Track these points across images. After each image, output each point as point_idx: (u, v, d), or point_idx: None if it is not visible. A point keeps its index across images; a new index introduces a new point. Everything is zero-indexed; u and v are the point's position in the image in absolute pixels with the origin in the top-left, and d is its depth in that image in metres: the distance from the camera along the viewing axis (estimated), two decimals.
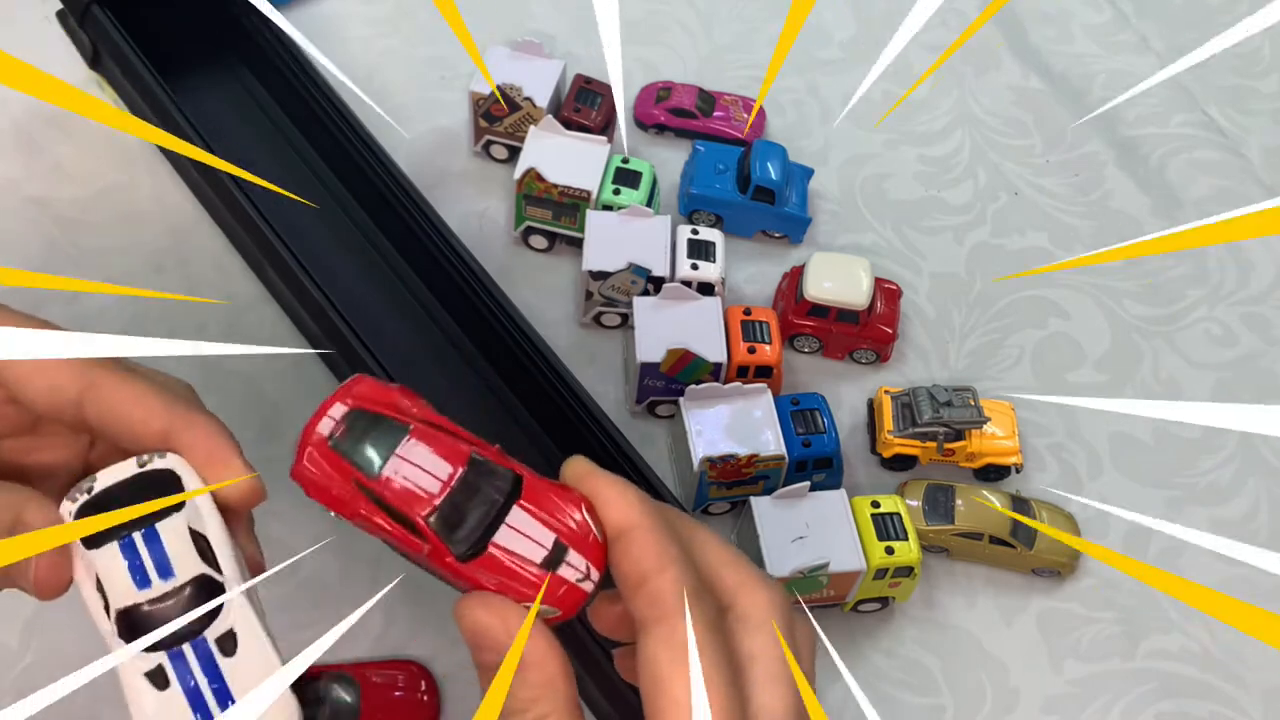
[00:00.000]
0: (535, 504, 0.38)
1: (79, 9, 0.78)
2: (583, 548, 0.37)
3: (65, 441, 0.43)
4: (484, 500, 0.38)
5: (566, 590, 0.37)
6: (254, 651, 0.37)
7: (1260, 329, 0.88)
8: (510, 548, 0.38)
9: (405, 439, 0.38)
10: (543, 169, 0.79)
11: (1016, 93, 0.99)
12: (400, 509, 0.37)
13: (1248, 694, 0.72)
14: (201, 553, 0.37)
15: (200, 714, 0.36)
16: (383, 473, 0.37)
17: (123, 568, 0.36)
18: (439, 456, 0.38)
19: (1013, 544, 0.73)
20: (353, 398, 0.39)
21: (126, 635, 0.37)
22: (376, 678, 0.66)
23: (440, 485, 0.37)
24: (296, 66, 0.81)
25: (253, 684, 0.36)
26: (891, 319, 0.82)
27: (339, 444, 0.38)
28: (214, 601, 0.37)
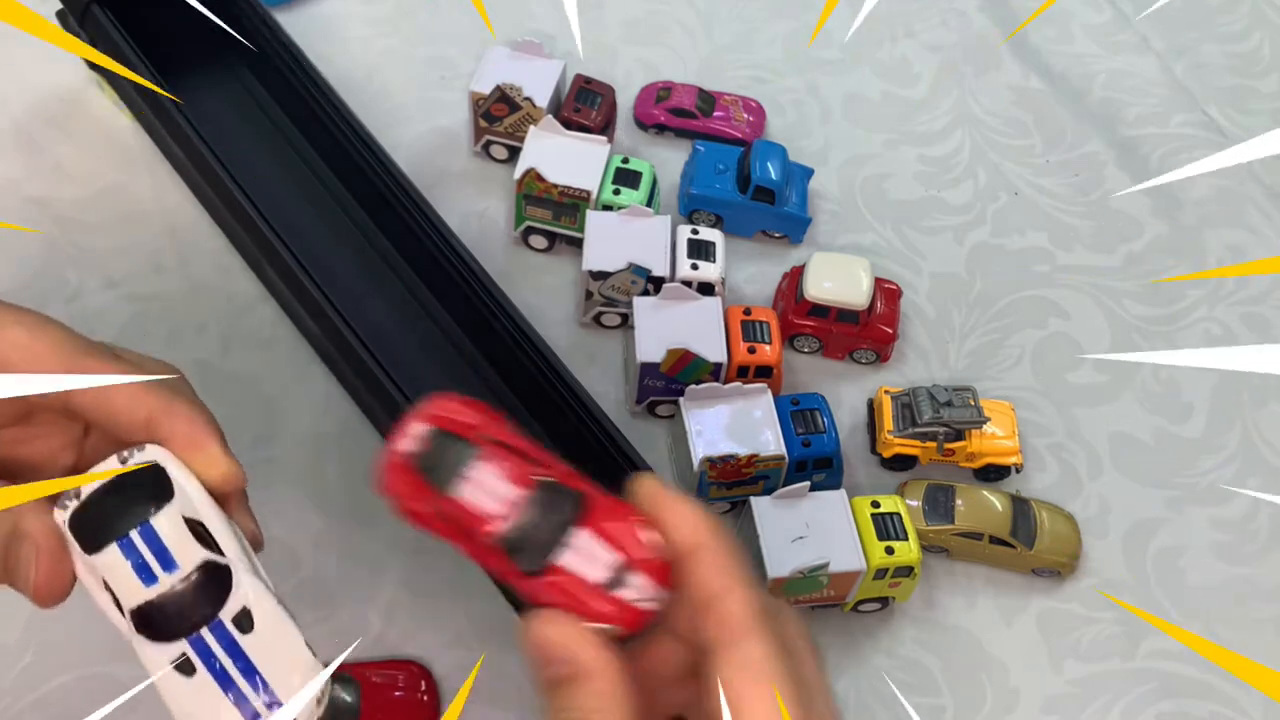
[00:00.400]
0: (600, 524, 0.39)
1: (79, 9, 0.78)
2: (646, 567, 0.39)
3: (58, 431, 0.43)
4: (549, 520, 0.39)
5: (629, 608, 0.38)
6: (271, 624, 0.38)
7: (1260, 329, 0.88)
8: (574, 568, 0.39)
9: (475, 459, 0.40)
10: (543, 169, 0.79)
11: (1016, 93, 0.99)
12: (470, 527, 0.39)
13: (1247, 694, 0.72)
14: (200, 539, 0.38)
15: (232, 693, 0.37)
16: (454, 491, 0.39)
17: (127, 568, 0.37)
18: (507, 478, 0.40)
19: (1012, 544, 0.73)
20: (431, 416, 0.41)
21: (145, 632, 0.38)
22: (376, 677, 0.66)
23: (507, 505, 0.39)
24: (296, 66, 0.81)
25: (275, 656, 0.37)
26: (891, 319, 0.82)
27: (416, 462, 0.40)
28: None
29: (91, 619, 0.67)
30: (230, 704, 0.37)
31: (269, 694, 0.37)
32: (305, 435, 0.75)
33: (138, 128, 0.85)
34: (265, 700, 0.37)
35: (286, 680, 0.37)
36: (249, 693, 0.37)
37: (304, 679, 0.37)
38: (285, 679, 0.37)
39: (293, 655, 0.38)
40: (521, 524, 0.39)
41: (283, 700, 0.37)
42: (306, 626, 0.67)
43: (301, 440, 0.75)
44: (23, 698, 0.65)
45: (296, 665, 0.37)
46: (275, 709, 0.36)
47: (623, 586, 0.38)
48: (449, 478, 0.39)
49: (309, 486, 0.73)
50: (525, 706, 0.67)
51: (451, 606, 0.70)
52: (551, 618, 0.38)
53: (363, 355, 0.69)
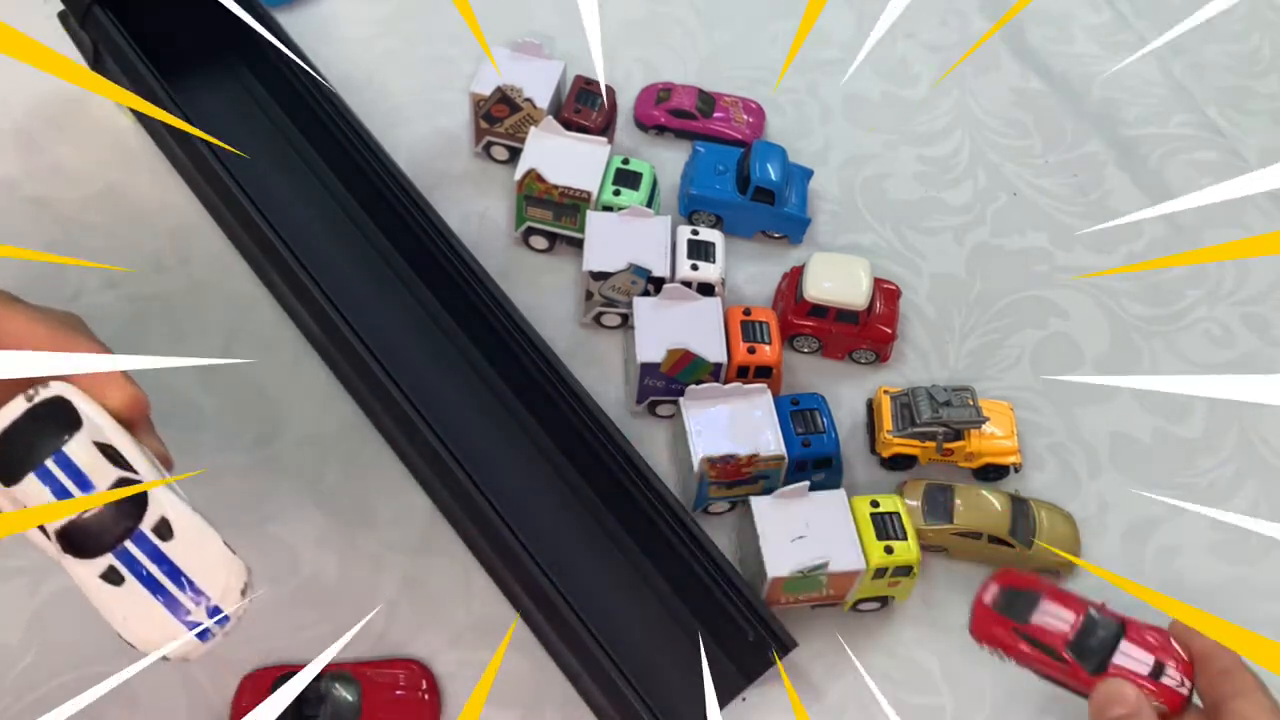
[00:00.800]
0: (1138, 638, 0.57)
1: (80, 10, 0.78)
2: (1179, 665, 0.56)
3: None
4: (1100, 635, 0.57)
5: (1169, 691, 0.56)
6: (190, 530, 0.41)
7: (1259, 329, 0.88)
8: (1124, 665, 0.56)
9: (1042, 599, 0.59)
10: (543, 170, 0.79)
11: (1016, 93, 0.99)
12: (1047, 643, 0.58)
13: None
14: (113, 460, 0.41)
15: (161, 595, 0.40)
16: (1032, 620, 0.58)
17: (46, 494, 0.40)
18: (1067, 608, 0.58)
19: (1011, 543, 0.73)
20: (999, 580, 0.60)
21: (72, 551, 0.40)
22: (377, 677, 0.66)
23: (1070, 626, 0.58)
24: (297, 66, 0.81)
25: (197, 558, 0.41)
26: (891, 319, 0.82)
27: (998, 607, 0.59)
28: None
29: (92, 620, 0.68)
30: (160, 604, 0.40)
31: (195, 590, 0.40)
32: (305, 435, 0.75)
33: (138, 128, 0.85)
34: (192, 596, 0.40)
35: (210, 577, 0.40)
36: (176, 592, 0.40)
37: (227, 574, 0.41)
38: (209, 576, 0.40)
39: (213, 555, 0.41)
40: (1082, 637, 0.57)
41: (210, 595, 0.40)
42: (307, 626, 0.68)
43: (301, 440, 0.75)
44: (24, 697, 0.65)
45: (218, 563, 0.41)
46: (203, 601, 0.40)
47: (1163, 676, 0.56)
48: (1027, 614, 0.58)
49: (309, 486, 0.73)
50: (526, 706, 0.67)
51: (451, 606, 0.70)
52: (1125, 682, 0.55)
53: (363, 355, 0.69)
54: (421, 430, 0.67)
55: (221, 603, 0.41)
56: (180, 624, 0.40)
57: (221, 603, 0.41)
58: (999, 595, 0.60)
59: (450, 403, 0.75)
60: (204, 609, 0.40)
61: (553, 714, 0.68)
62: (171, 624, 0.40)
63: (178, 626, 0.40)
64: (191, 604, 0.40)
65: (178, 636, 0.40)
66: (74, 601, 0.68)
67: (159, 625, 0.40)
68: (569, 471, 0.74)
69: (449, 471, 0.66)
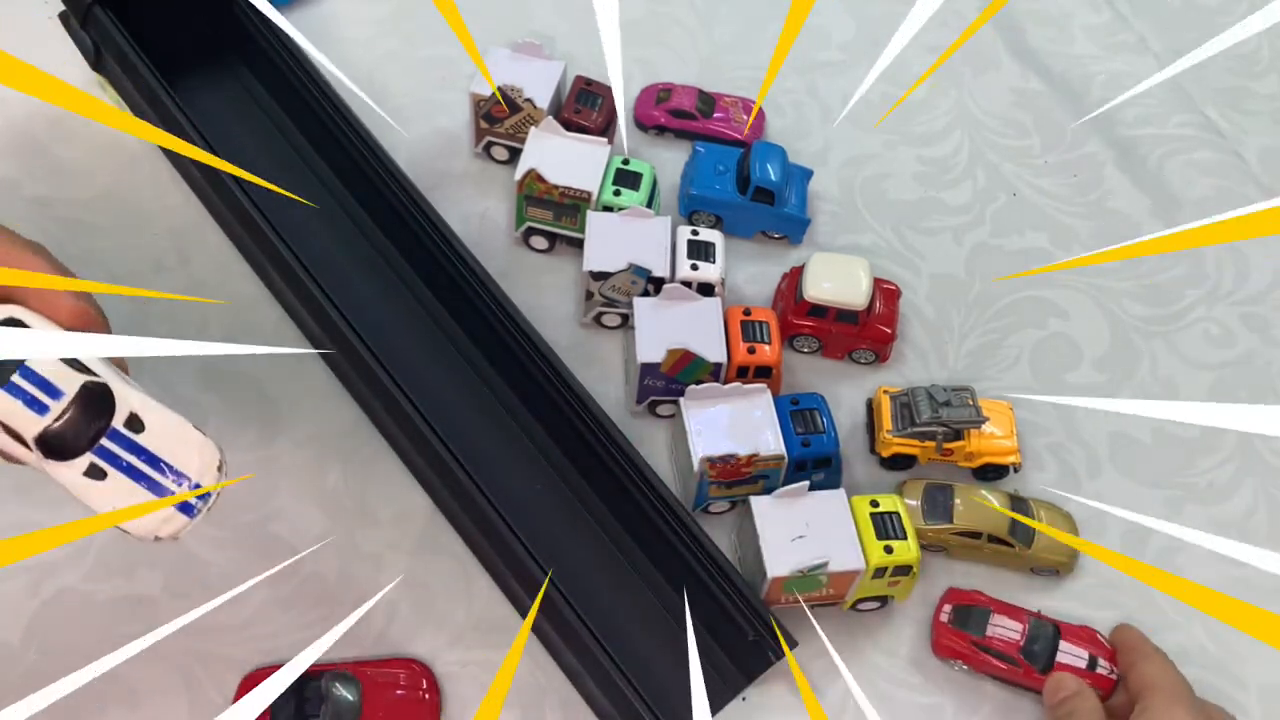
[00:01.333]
0: (1072, 638, 0.70)
1: (81, 10, 0.79)
2: (1104, 655, 0.70)
3: None
4: (1043, 639, 0.70)
5: (1101, 679, 0.69)
6: (159, 420, 0.44)
7: (1259, 329, 0.88)
8: (1066, 662, 0.69)
9: (991, 614, 0.71)
10: (543, 170, 0.79)
11: (1015, 93, 0.99)
12: (1004, 651, 0.70)
13: (1247, 693, 0.73)
14: (76, 368, 0.43)
15: (143, 481, 0.43)
16: (989, 634, 0.70)
17: (18, 405, 0.42)
18: (1014, 619, 0.71)
19: (1011, 543, 0.74)
20: (951, 600, 0.72)
21: (53, 456, 0.43)
22: (378, 676, 0.66)
23: (1020, 634, 0.70)
24: (297, 67, 0.81)
25: (171, 444, 0.44)
26: (890, 319, 0.82)
27: (955, 624, 0.71)
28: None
29: (93, 620, 0.68)
30: (144, 490, 0.43)
31: (175, 473, 0.44)
32: (306, 435, 0.75)
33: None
34: (173, 479, 0.44)
35: (187, 459, 0.44)
36: (157, 476, 0.44)
37: (201, 453, 0.45)
38: (185, 459, 0.44)
39: (186, 439, 0.44)
40: (1030, 642, 0.69)
41: (189, 474, 0.44)
42: (307, 626, 0.68)
43: (302, 440, 0.75)
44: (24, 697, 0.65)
45: (192, 445, 0.44)
46: (183, 481, 0.44)
47: (1097, 667, 0.69)
48: (982, 627, 0.70)
49: (310, 486, 0.73)
50: (525, 706, 0.68)
51: (451, 606, 0.70)
52: (1066, 674, 0.68)
53: (364, 355, 0.69)
54: (422, 430, 0.67)
55: (200, 479, 0.44)
56: (169, 506, 0.44)
57: (200, 479, 0.44)
58: (953, 613, 0.71)
59: (450, 402, 0.75)
60: (186, 487, 0.44)
61: (552, 714, 0.68)
62: (158, 505, 0.44)
63: (167, 508, 0.44)
64: (173, 485, 0.44)
65: (165, 515, 0.44)
66: (75, 601, 0.68)
67: (147, 509, 0.44)
68: (569, 471, 0.74)
69: (449, 471, 0.66)
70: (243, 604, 0.69)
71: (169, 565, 0.69)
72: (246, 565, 0.70)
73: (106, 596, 0.68)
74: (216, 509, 0.72)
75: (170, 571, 0.69)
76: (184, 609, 0.67)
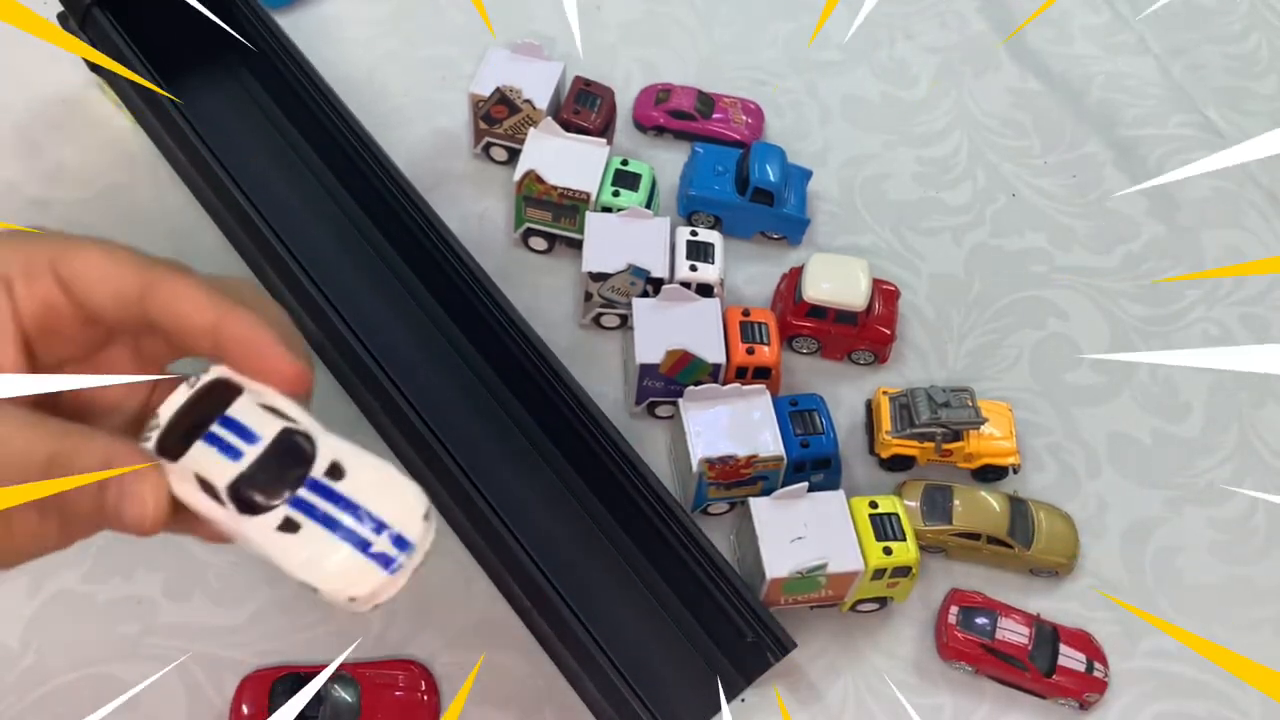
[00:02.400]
0: (1069, 641, 0.71)
1: (80, 11, 0.79)
2: (1098, 658, 0.72)
3: (129, 368, 0.45)
4: (1046, 642, 0.71)
5: (1098, 683, 0.71)
6: (363, 467, 0.39)
7: (1258, 329, 0.88)
8: (1067, 665, 0.70)
9: (999, 616, 0.71)
10: (542, 171, 0.79)
11: (1015, 94, 0.99)
12: (1012, 655, 0.70)
13: (1245, 694, 0.72)
14: (273, 412, 0.39)
15: (340, 532, 0.38)
16: (998, 637, 0.70)
17: (213, 454, 0.38)
18: (1021, 623, 0.71)
19: (1010, 544, 0.73)
20: (957, 602, 0.72)
21: (246, 510, 0.38)
22: (377, 677, 0.66)
23: (1027, 638, 0.70)
24: (296, 67, 0.81)
25: (374, 492, 0.38)
26: (890, 320, 0.82)
27: (962, 626, 0.71)
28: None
29: (91, 620, 0.68)
30: (341, 541, 0.37)
31: (375, 521, 0.38)
32: None
33: (138, 130, 0.85)
34: (373, 527, 0.38)
35: (388, 508, 0.38)
36: (356, 526, 0.38)
37: (404, 500, 0.38)
38: (387, 507, 0.38)
39: (390, 486, 0.39)
40: (1038, 646, 0.70)
41: (390, 524, 0.38)
42: (307, 627, 0.68)
43: None
44: (25, 698, 0.65)
45: (396, 493, 0.38)
46: (384, 532, 0.38)
47: (1093, 670, 0.71)
48: (991, 631, 0.70)
49: None
50: (525, 706, 0.68)
51: (451, 606, 0.70)
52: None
53: (362, 355, 0.69)
54: (420, 431, 0.67)
55: (403, 530, 0.38)
56: (364, 557, 0.38)
57: (403, 530, 0.38)
58: (960, 615, 0.71)
59: (449, 403, 0.75)
60: (387, 539, 0.38)
61: (551, 715, 0.68)
62: (354, 558, 0.38)
63: (361, 560, 0.38)
64: (372, 535, 0.38)
65: (362, 570, 0.38)
66: (74, 602, 0.68)
67: (342, 562, 0.38)
68: (568, 472, 0.74)
69: (448, 472, 0.66)
70: (241, 605, 0.69)
71: (168, 567, 0.69)
72: (245, 566, 0.70)
73: (106, 597, 0.68)
74: None
75: (169, 573, 0.69)
76: (183, 610, 0.68)
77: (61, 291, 0.41)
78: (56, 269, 0.41)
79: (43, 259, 0.41)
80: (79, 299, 0.41)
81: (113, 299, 0.41)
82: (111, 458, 0.38)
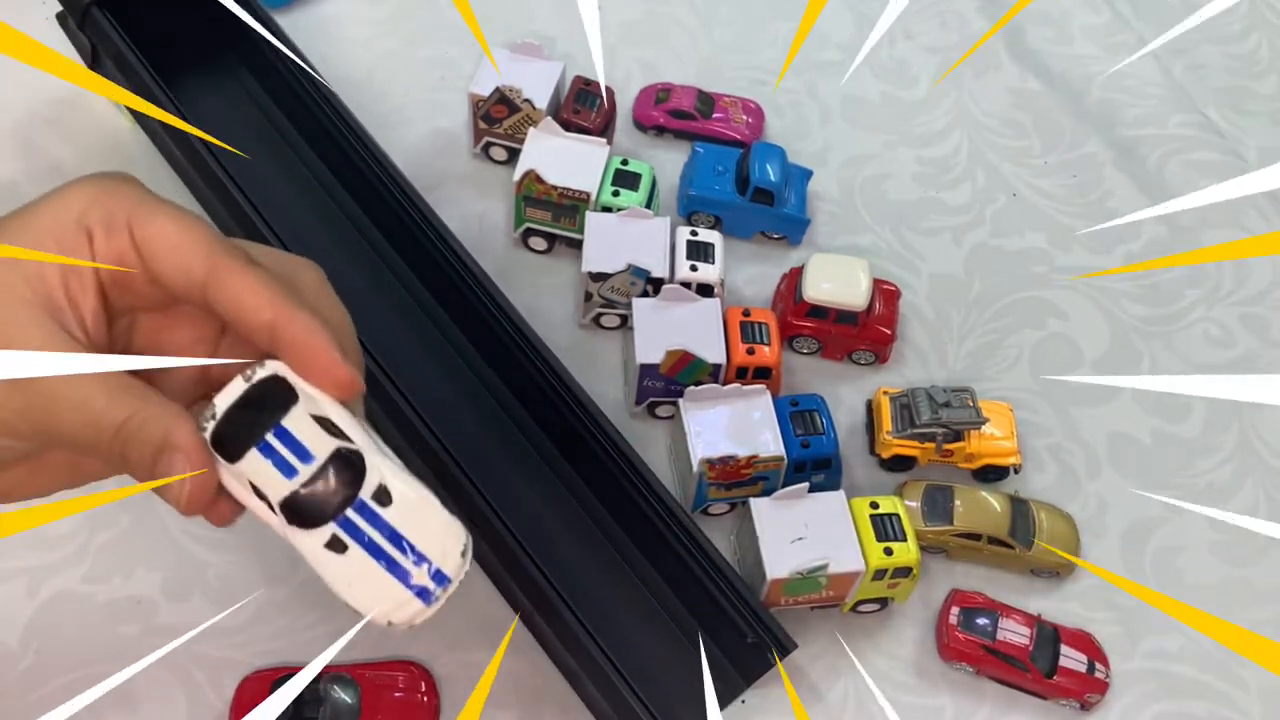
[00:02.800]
0: (1070, 641, 0.71)
1: (79, 11, 0.78)
2: (1100, 659, 0.71)
3: (196, 325, 0.46)
4: (1047, 643, 0.71)
5: (1099, 683, 0.71)
6: (408, 496, 0.42)
7: (1259, 330, 0.88)
8: (1069, 666, 0.70)
9: (1000, 617, 0.71)
10: (542, 171, 0.79)
11: (1015, 94, 0.99)
12: (1013, 656, 0.70)
13: (1246, 694, 0.72)
14: (330, 432, 0.42)
15: (383, 560, 0.41)
16: (999, 638, 0.70)
17: (268, 466, 0.41)
18: (1022, 624, 0.71)
19: (1011, 545, 0.73)
20: (958, 603, 0.72)
21: (296, 521, 0.41)
22: (377, 678, 0.66)
23: (1029, 639, 0.70)
24: (296, 67, 0.81)
25: (417, 522, 0.42)
26: (890, 320, 0.82)
27: (963, 627, 0.71)
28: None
29: (91, 620, 0.68)
30: (384, 570, 0.41)
31: (416, 554, 0.41)
32: None
33: (137, 130, 0.85)
34: (414, 560, 0.41)
35: (430, 541, 0.41)
36: (398, 557, 0.41)
37: (445, 537, 0.42)
38: (428, 540, 0.41)
39: (432, 519, 0.42)
40: (1039, 648, 0.70)
41: (430, 558, 0.41)
42: (307, 627, 0.68)
43: None
44: (25, 698, 0.65)
45: (437, 527, 0.42)
46: (424, 565, 0.41)
47: (1094, 671, 0.71)
48: (992, 632, 0.70)
49: None
50: (525, 707, 0.67)
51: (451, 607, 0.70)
52: None
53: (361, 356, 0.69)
54: (420, 431, 0.67)
55: (442, 565, 0.41)
56: (403, 588, 0.41)
57: (442, 565, 0.41)
58: (961, 616, 0.71)
59: (448, 404, 0.75)
60: (425, 571, 0.41)
61: (551, 715, 0.68)
62: (394, 588, 0.41)
63: (401, 590, 0.41)
64: (413, 567, 0.41)
65: (401, 600, 0.41)
66: (74, 602, 0.68)
67: (383, 590, 0.41)
68: (568, 473, 0.74)
69: (447, 472, 0.66)
70: (241, 606, 0.69)
71: (167, 567, 0.69)
72: (244, 567, 0.70)
73: (106, 597, 0.68)
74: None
75: (168, 573, 0.69)
76: (182, 611, 0.68)
77: (134, 250, 0.42)
78: (132, 228, 0.42)
79: (121, 216, 0.42)
80: (147, 264, 0.42)
81: (178, 273, 0.42)
82: (174, 435, 0.40)
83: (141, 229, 0.42)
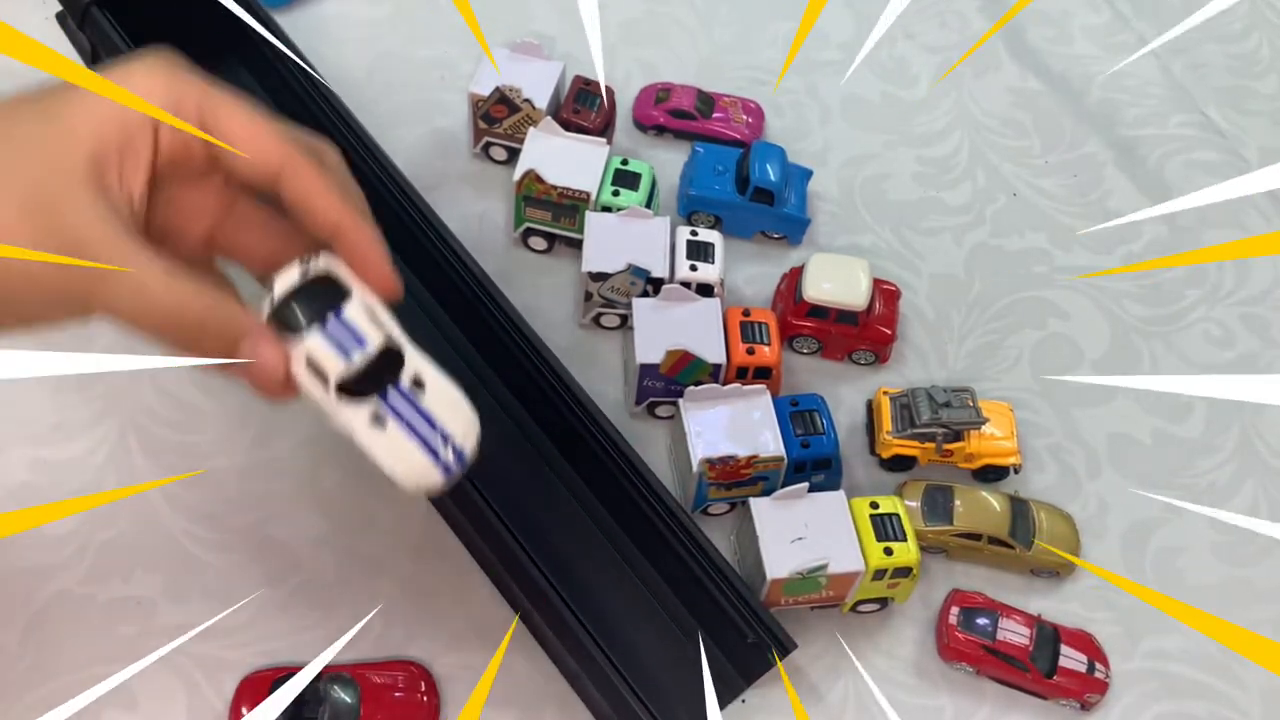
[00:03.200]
0: (1070, 641, 0.71)
1: (78, 10, 0.78)
2: (1099, 659, 0.71)
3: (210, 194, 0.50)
4: (1047, 643, 0.70)
5: (1099, 684, 0.70)
6: (437, 385, 0.49)
7: (1259, 330, 0.88)
8: (1069, 667, 0.70)
9: (1000, 617, 0.71)
10: (542, 170, 0.79)
11: (1015, 94, 0.99)
12: (1013, 656, 0.70)
13: (1246, 694, 0.72)
14: (377, 325, 0.48)
15: (416, 437, 0.48)
16: (999, 638, 0.70)
17: (329, 346, 0.47)
18: (1022, 624, 0.71)
19: (1011, 545, 0.73)
20: (957, 602, 0.72)
21: (344, 396, 0.47)
22: (376, 678, 0.66)
23: (1029, 639, 0.70)
24: (296, 67, 0.81)
25: (443, 408, 0.49)
26: (890, 320, 0.82)
27: (963, 627, 0.70)
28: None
29: (91, 621, 0.68)
30: (417, 445, 0.48)
31: (444, 434, 0.48)
32: (305, 437, 0.75)
33: None
34: (441, 437, 0.48)
35: (454, 424, 0.49)
36: (428, 434, 0.48)
37: (465, 422, 0.49)
38: (454, 423, 0.49)
39: (458, 407, 0.49)
40: (1039, 648, 0.70)
41: (454, 438, 0.49)
42: (307, 627, 0.68)
43: (302, 441, 0.75)
44: (24, 698, 0.65)
45: (461, 414, 0.49)
46: (449, 443, 0.48)
47: (1094, 671, 0.71)
48: (992, 632, 0.70)
49: (309, 487, 0.73)
50: (524, 707, 0.67)
51: (451, 607, 0.70)
52: None
53: None
54: None
55: (463, 445, 0.49)
56: (432, 462, 0.48)
57: (463, 445, 0.49)
58: (961, 616, 0.71)
59: None
60: (450, 450, 0.48)
61: (551, 715, 0.68)
62: (424, 461, 0.48)
63: (428, 463, 0.48)
64: (440, 445, 0.48)
65: (427, 470, 0.48)
66: (73, 603, 0.68)
67: (413, 461, 0.48)
68: (568, 473, 0.74)
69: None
70: (241, 606, 0.69)
71: (167, 567, 0.69)
72: (245, 567, 0.70)
73: (105, 598, 0.68)
74: (211, 512, 0.72)
75: (168, 573, 0.69)
76: (182, 611, 0.68)
77: (200, 141, 0.45)
78: (203, 118, 0.45)
79: (191, 104, 0.45)
80: (217, 154, 0.45)
81: (251, 167, 0.46)
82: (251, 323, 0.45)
83: (214, 120, 0.45)
